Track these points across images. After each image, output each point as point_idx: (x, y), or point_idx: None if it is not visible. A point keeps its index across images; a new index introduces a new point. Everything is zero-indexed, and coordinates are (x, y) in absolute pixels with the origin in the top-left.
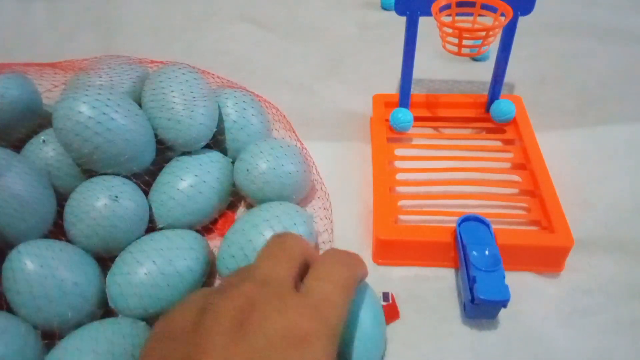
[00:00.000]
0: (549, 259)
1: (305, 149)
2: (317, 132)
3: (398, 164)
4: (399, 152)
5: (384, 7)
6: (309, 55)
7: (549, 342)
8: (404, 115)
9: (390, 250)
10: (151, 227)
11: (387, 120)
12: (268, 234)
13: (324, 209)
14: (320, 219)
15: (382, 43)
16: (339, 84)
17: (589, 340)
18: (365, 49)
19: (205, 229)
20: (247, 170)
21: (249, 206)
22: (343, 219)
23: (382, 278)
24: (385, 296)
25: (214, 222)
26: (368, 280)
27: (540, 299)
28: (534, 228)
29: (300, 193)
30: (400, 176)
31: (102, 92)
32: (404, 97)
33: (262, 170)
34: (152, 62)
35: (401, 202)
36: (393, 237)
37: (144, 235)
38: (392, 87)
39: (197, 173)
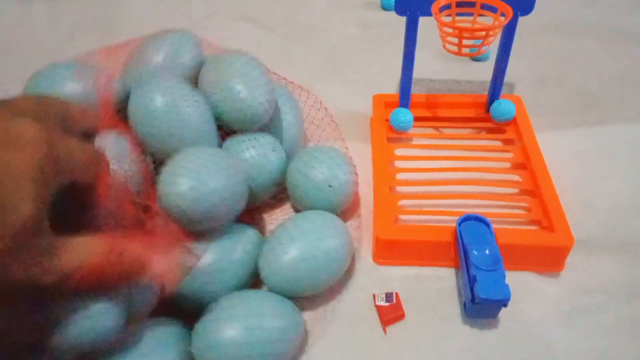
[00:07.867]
0: (549, 258)
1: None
2: (317, 132)
3: (398, 163)
4: (399, 152)
5: (384, 7)
6: (309, 55)
7: (549, 341)
8: (404, 115)
9: (391, 250)
10: None
11: (387, 120)
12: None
13: None
14: None
15: (382, 43)
16: (339, 84)
17: (589, 340)
18: (365, 49)
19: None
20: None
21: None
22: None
23: (382, 278)
24: (389, 296)
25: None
26: (368, 280)
27: (541, 298)
28: (534, 228)
29: (346, 203)
30: (400, 176)
31: (170, 82)
32: (404, 97)
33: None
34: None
35: (401, 202)
36: (393, 236)
37: None
38: (392, 87)
39: (257, 152)
